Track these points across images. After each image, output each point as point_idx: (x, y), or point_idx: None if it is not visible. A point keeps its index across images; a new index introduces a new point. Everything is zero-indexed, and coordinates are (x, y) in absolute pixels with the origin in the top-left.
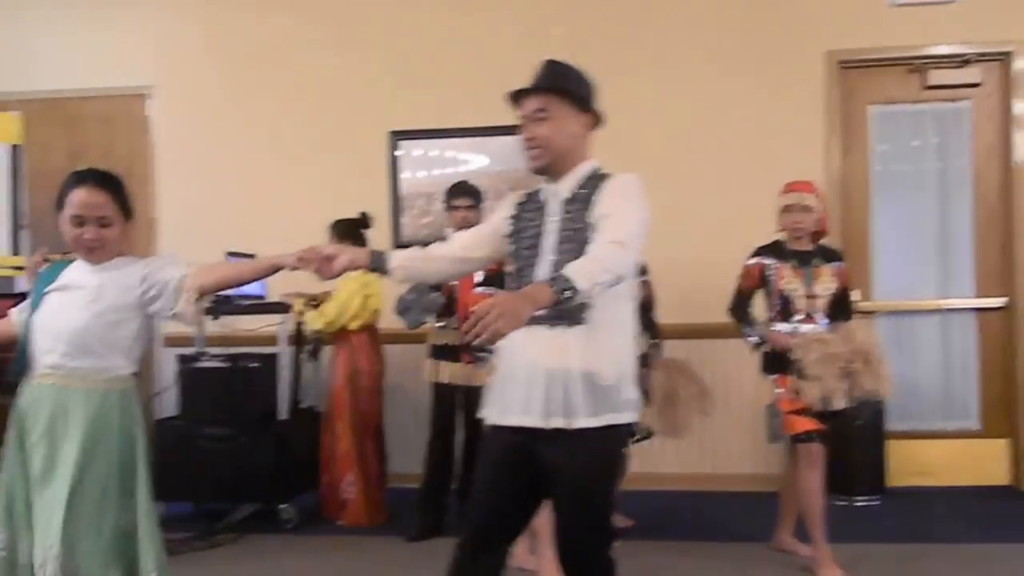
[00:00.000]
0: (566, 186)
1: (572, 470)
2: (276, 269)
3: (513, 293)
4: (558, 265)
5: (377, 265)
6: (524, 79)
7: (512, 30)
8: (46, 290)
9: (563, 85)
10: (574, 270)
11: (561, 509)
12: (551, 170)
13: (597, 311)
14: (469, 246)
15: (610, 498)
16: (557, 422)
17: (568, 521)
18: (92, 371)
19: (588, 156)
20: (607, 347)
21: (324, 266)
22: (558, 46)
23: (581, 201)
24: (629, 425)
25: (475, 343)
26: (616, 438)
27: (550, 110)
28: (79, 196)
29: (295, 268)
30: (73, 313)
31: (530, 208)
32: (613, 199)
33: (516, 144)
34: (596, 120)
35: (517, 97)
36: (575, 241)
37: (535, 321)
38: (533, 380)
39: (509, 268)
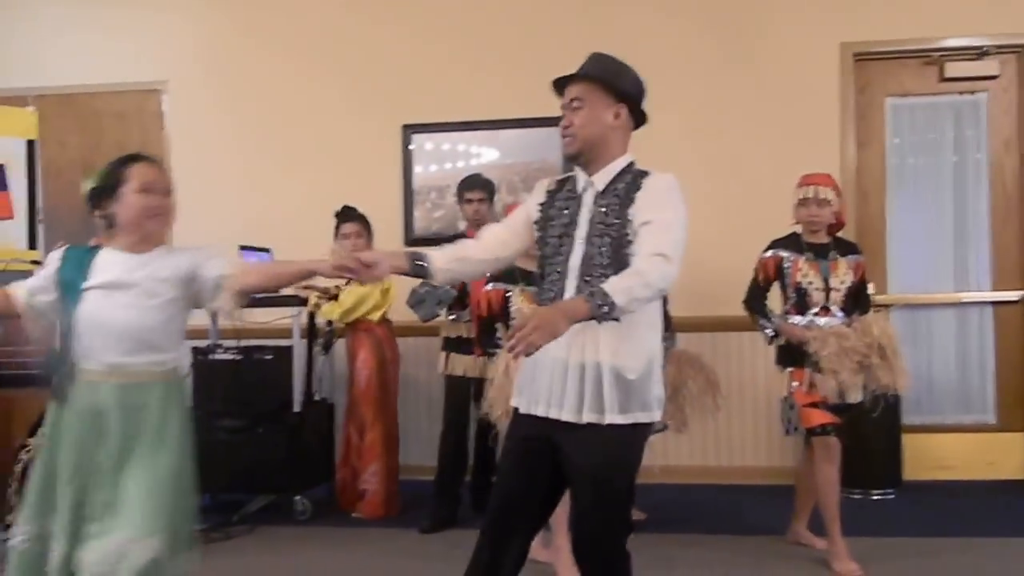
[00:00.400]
0: (601, 179)
1: (595, 464)
2: (312, 275)
3: (550, 307)
4: (588, 256)
5: (419, 271)
6: (536, 73)
7: (525, 25)
8: (85, 286)
9: (600, 75)
10: (612, 285)
11: (581, 501)
12: (584, 159)
13: None
14: (505, 241)
15: (631, 492)
16: (590, 417)
17: (587, 513)
18: (154, 365)
19: (625, 150)
20: (637, 343)
21: (365, 273)
22: (570, 42)
23: (616, 196)
24: (650, 425)
25: (514, 355)
26: (641, 435)
27: (586, 99)
28: (141, 169)
29: (331, 276)
30: (131, 312)
31: (562, 197)
32: (654, 205)
33: (526, 137)
34: (637, 115)
35: (560, 85)
36: (608, 235)
37: None
38: (563, 373)
39: (535, 254)
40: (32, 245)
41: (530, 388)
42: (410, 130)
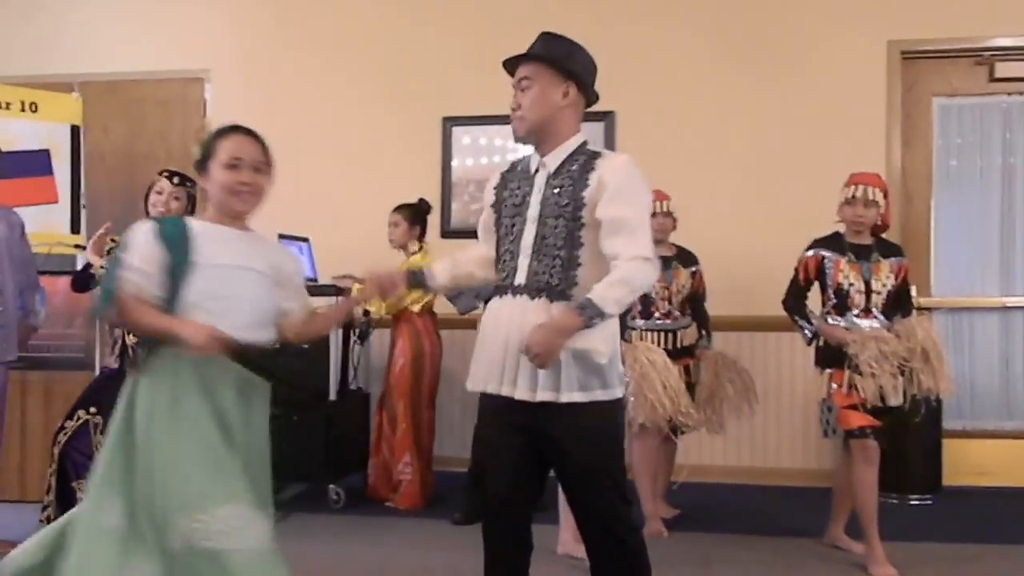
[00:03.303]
0: (553, 159)
1: (574, 444)
2: (352, 308)
3: (545, 327)
4: (540, 235)
5: (416, 285)
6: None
7: (565, 21)
8: (195, 261)
9: (546, 55)
10: (603, 296)
11: (569, 485)
12: (535, 139)
13: (582, 290)
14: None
15: (620, 471)
16: (545, 396)
17: (580, 497)
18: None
19: (578, 129)
20: (603, 326)
21: (391, 290)
22: (608, 38)
23: (569, 177)
24: (620, 400)
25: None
26: (611, 411)
27: (534, 79)
28: (235, 141)
29: (363, 302)
30: (258, 291)
31: (514, 177)
32: (621, 198)
33: None
34: (587, 95)
35: (511, 67)
36: (562, 217)
37: (517, 291)
38: (516, 351)
39: (494, 237)
40: (75, 229)
41: (480, 367)
42: (450, 123)
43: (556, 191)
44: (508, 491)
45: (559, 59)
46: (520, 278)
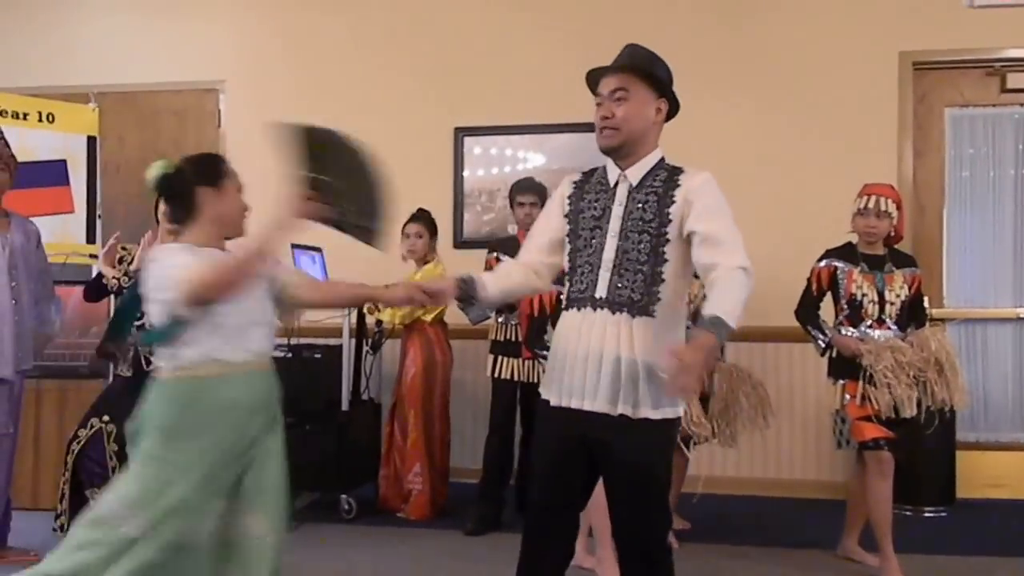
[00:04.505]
0: (635, 173)
1: (636, 460)
2: (376, 301)
3: (691, 350)
4: (623, 250)
5: (467, 297)
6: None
7: (574, 30)
8: None
9: (645, 67)
10: (726, 313)
11: (622, 496)
12: (622, 152)
13: (664, 306)
14: (543, 266)
15: (668, 486)
16: (624, 409)
17: (628, 508)
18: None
19: (656, 145)
20: (669, 341)
21: (431, 304)
22: (619, 41)
23: (653, 192)
24: (679, 418)
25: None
26: (674, 429)
27: (630, 90)
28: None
29: (397, 305)
30: (263, 301)
31: (591, 189)
32: (711, 213)
33: (573, 143)
34: (671, 108)
35: (596, 76)
36: (646, 232)
37: (597, 304)
38: (597, 366)
39: (566, 248)
40: (91, 239)
41: (561, 380)
42: (462, 133)
43: (640, 205)
44: (565, 501)
45: (656, 74)
46: (600, 291)
